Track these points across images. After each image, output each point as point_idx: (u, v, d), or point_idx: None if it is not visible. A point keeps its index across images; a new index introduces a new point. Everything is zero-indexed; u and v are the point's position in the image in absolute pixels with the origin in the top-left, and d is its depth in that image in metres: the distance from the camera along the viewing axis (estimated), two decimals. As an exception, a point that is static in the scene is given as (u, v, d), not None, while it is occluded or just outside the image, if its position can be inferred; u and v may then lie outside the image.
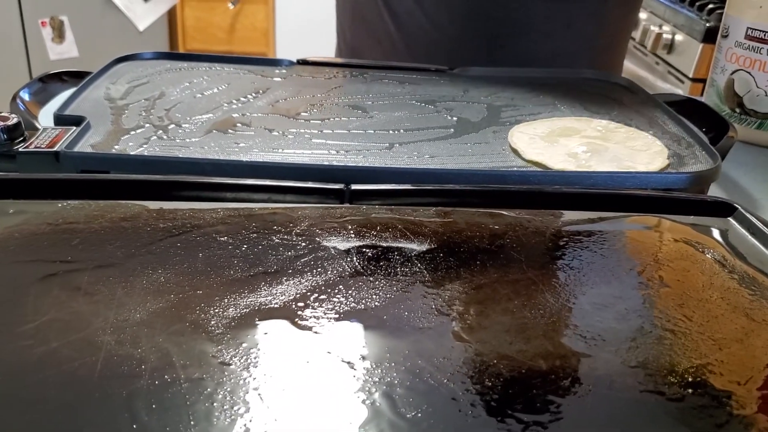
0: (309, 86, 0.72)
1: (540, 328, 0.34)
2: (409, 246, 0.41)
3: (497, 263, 0.40)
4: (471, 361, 0.32)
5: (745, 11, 0.77)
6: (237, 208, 0.44)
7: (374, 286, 0.37)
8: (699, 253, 0.43)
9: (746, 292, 0.39)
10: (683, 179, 0.54)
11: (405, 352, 0.32)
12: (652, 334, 0.35)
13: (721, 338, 0.35)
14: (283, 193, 0.47)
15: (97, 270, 0.37)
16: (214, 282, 0.36)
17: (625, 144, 0.59)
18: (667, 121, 0.67)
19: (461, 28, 0.84)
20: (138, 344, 0.32)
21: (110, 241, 0.40)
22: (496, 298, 0.37)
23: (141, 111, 0.62)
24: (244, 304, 0.34)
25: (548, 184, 0.53)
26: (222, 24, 2.81)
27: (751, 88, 0.77)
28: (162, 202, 0.44)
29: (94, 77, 0.69)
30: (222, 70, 0.75)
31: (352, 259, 0.39)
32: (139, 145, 0.56)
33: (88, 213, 0.43)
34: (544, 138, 0.60)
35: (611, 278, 0.39)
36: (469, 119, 0.65)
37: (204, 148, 0.56)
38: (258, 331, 0.33)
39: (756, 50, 0.76)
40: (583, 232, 0.44)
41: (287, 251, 0.39)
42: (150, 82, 0.70)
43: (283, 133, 0.60)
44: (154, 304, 0.34)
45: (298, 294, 0.35)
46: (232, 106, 0.65)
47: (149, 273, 0.37)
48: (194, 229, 0.41)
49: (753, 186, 0.69)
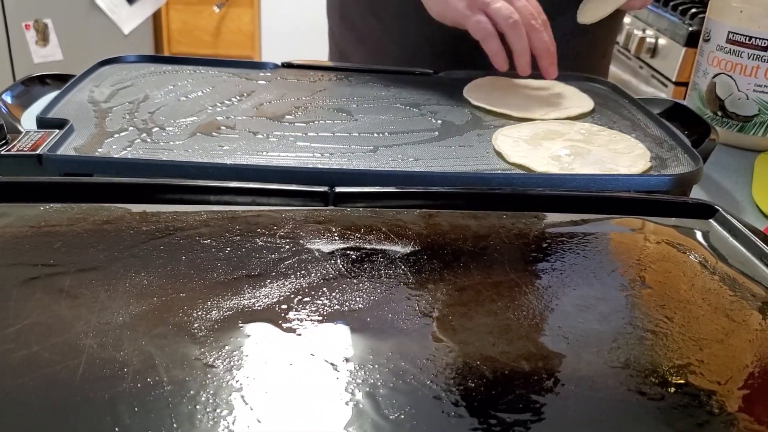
0: (293, 89, 0.72)
1: (523, 329, 0.35)
2: (393, 248, 0.41)
3: (481, 265, 0.40)
4: (454, 362, 0.32)
5: (726, 16, 0.78)
6: (221, 210, 0.44)
7: (358, 288, 0.37)
8: (680, 255, 0.44)
9: (727, 293, 0.39)
10: (665, 182, 0.55)
11: (388, 353, 0.32)
12: (633, 335, 0.35)
13: (701, 339, 0.35)
14: (268, 196, 0.47)
15: (80, 273, 0.37)
16: (198, 285, 0.36)
17: (608, 147, 0.60)
18: (649, 124, 0.68)
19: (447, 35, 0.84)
20: (120, 347, 0.31)
21: (93, 244, 0.40)
22: (479, 300, 0.37)
23: (125, 114, 0.62)
24: (227, 307, 0.34)
25: (531, 186, 0.53)
26: (207, 27, 2.80)
27: (733, 92, 0.78)
28: (145, 205, 0.44)
29: (78, 80, 0.68)
30: (206, 73, 0.75)
31: (336, 262, 0.39)
32: (122, 148, 0.55)
33: (70, 216, 0.43)
34: (527, 141, 0.60)
35: (593, 280, 0.40)
36: (454, 122, 0.66)
37: (188, 151, 0.56)
38: (241, 333, 0.33)
39: (737, 54, 0.77)
40: (565, 234, 0.45)
41: (271, 254, 0.39)
42: (134, 85, 0.70)
43: (267, 136, 0.60)
44: (137, 307, 0.34)
45: (281, 296, 0.35)
46: (217, 109, 0.65)
47: (132, 276, 0.37)
48: (177, 231, 0.41)
49: (735, 188, 0.70)
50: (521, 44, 0.68)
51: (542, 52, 0.70)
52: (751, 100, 0.77)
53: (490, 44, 0.69)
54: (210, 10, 2.76)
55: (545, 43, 0.70)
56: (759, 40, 0.75)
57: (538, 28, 0.69)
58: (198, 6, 2.76)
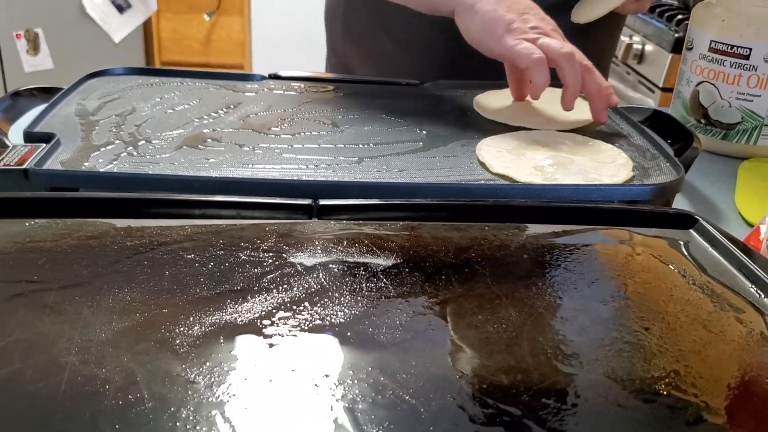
0: (280, 101, 0.73)
1: (503, 342, 0.35)
2: (376, 261, 0.42)
3: (462, 278, 0.41)
4: (433, 376, 0.32)
5: (709, 24, 0.79)
6: (204, 224, 0.44)
7: (339, 302, 0.37)
8: (661, 266, 0.44)
9: (705, 304, 0.40)
10: (647, 191, 0.55)
11: (368, 368, 0.32)
12: (612, 347, 0.35)
13: (679, 350, 0.35)
14: (252, 209, 0.47)
15: (64, 290, 0.37)
16: (180, 300, 0.36)
17: (591, 157, 0.61)
18: (632, 133, 0.68)
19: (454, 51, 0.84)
20: (103, 364, 0.32)
21: (77, 260, 0.40)
22: (460, 313, 0.37)
23: (111, 127, 0.62)
24: (209, 323, 0.35)
25: (514, 197, 0.53)
26: (198, 36, 2.80)
27: (716, 100, 0.79)
28: (130, 219, 0.45)
29: (65, 93, 0.69)
30: (194, 85, 0.75)
31: (318, 276, 0.39)
32: (109, 161, 0.56)
33: (55, 231, 0.43)
34: (511, 151, 0.61)
35: (574, 292, 0.40)
36: (439, 133, 0.66)
37: (174, 164, 0.56)
38: (223, 349, 0.33)
39: (719, 62, 0.77)
40: (546, 246, 0.45)
41: (254, 268, 0.40)
42: (121, 97, 0.70)
43: (253, 149, 0.60)
44: (120, 324, 0.35)
45: (263, 311, 0.36)
46: (203, 122, 0.65)
47: (115, 292, 0.37)
48: (161, 246, 0.42)
49: (718, 196, 0.70)
50: (575, 78, 0.65)
51: (596, 93, 0.66)
52: (734, 107, 0.78)
53: (540, 73, 0.64)
54: (200, 18, 2.77)
55: (598, 84, 0.66)
56: (741, 49, 0.75)
57: (590, 67, 0.66)
58: (188, 14, 2.77)
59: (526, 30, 0.67)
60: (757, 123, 0.77)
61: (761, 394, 0.34)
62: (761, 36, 0.75)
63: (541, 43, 0.65)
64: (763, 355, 0.36)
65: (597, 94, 0.66)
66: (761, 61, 0.75)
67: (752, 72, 0.75)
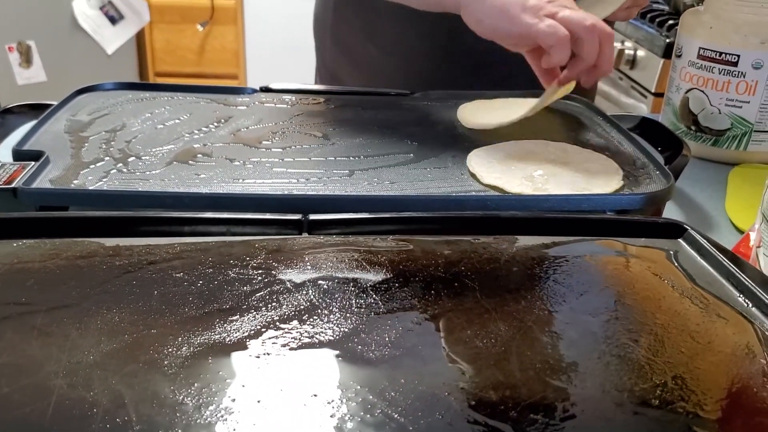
0: (271, 114, 0.73)
1: (491, 357, 0.35)
2: (365, 276, 0.42)
3: (452, 292, 0.41)
4: (422, 393, 0.32)
5: (697, 32, 0.79)
6: (194, 242, 0.44)
7: (329, 319, 0.37)
8: (650, 276, 0.44)
9: (693, 315, 0.40)
10: (637, 200, 0.55)
11: (357, 387, 0.32)
12: (601, 360, 0.35)
13: (668, 362, 0.35)
14: (242, 225, 0.47)
15: (52, 311, 0.37)
16: (169, 320, 0.36)
17: (581, 166, 0.61)
18: (622, 141, 0.68)
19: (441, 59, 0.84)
20: (91, 387, 0.32)
21: (65, 281, 0.40)
22: (449, 328, 0.37)
23: (101, 144, 0.62)
24: (198, 343, 0.35)
25: (505, 208, 0.53)
26: (191, 46, 2.80)
27: (705, 106, 0.79)
28: (118, 238, 0.45)
29: (55, 110, 0.69)
30: (184, 99, 0.75)
31: (308, 292, 0.39)
32: (98, 179, 0.56)
33: (43, 252, 0.43)
34: (501, 162, 0.61)
35: (563, 304, 0.40)
36: (429, 144, 0.66)
37: (164, 181, 0.56)
38: (211, 369, 0.33)
39: (708, 69, 0.78)
40: (535, 258, 0.45)
41: (243, 286, 0.40)
42: (111, 113, 0.70)
43: (244, 163, 0.60)
44: (108, 345, 0.34)
45: (252, 330, 0.36)
46: (194, 136, 0.65)
47: (104, 313, 0.37)
48: (150, 265, 0.41)
49: (708, 203, 0.70)
50: (592, 53, 0.63)
51: (603, 67, 0.64)
52: (724, 114, 0.78)
53: (562, 51, 0.62)
54: (193, 28, 2.77)
55: (609, 58, 0.64)
56: (729, 56, 0.76)
57: (610, 36, 0.63)
58: (181, 25, 2.77)
59: (543, 5, 0.63)
60: (746, 129, 0.78)
61: (751, 404, 0.34)
62: (749, 43, 0.75)
63: (562, 16, 0.62)
64: (752, 365, 0.36)
65: (602, 68, 0.64)
66: (749, 67, 0.75)
67: (741, 78, 0.76)
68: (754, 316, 0.40)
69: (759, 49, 0.75)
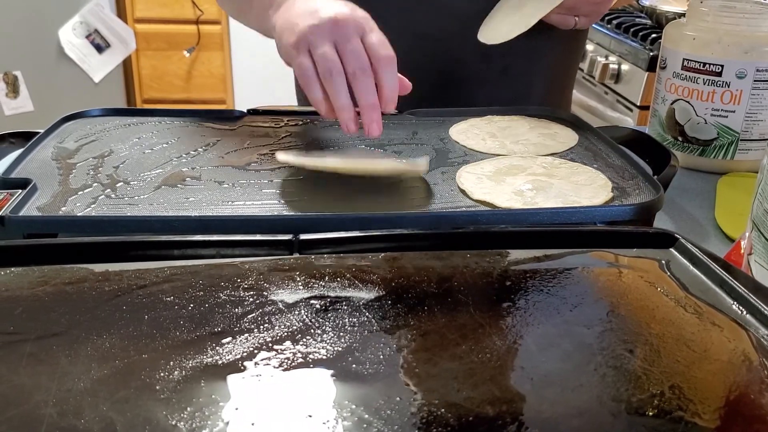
0: (260, 136, 0.73)
1: (487, 372, 0.35)
2: (358, 295, 0.41)
3: (445, 308, 0.40)
4: (418, 411, 0.32)
5: (680, 43, 0.80)
6: (184, 265, 0.44)
7: (322, 339, 0.37)
8: (643, 286, 0.44)
9: (688, 324, 0.40)
10: (627, 211, 0.55)
11: (352, 406, 0.32)
12: (597, 372, 0.35)
13: (664, 372, 0.35)
14: (232, 247, 0.47)
15: (41, 340, 0.37)
16: (160, 345, 0.36)
17: (570, 179, 0.61)
18: (610, 153, 0.69)
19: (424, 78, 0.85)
20: (81, 414, 0.31)
21: (54, 308, 0.39)
22: (443, 344, 0.37)
23: (89, 170, 0.62)
24: (189, 367, 0.34)
25: (496, 223, 0.53)
26: (178, 72, 2.81)
27: (691, 117, 0.80)
28: (108, 264, 0.44)
29: (42, 137, 0.68)
30: (172, 123, 0.75)
31: (300, 313, 0.39)
32: (86, 205, 0.55)
33: (31, 280, 0.42)
34: (490, 177, 0.61)
35: (557, 317, 0.40)
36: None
37: (153, 205, 0.56)
38: (204, 393, 0.32)
39: (693, 80, 0.78)
40: (528, 271, 0.45)
41: (234, 308, 0.39)
42: (98, 139, 0.70)
43: (233, 185, 0.60)
44: (99, 372, 0.34)
45: (244, 352, 0.35)
46: (182, 160, 0.65)
47: (94, 339, 0.36)
48: (140, 289, 0.41)
49: (698, 212, 0.71)
50: (338, 100, 0.61)
51: (363, 105, 0.61)
52: (710, 124, 0.78)
53: (310, 92, 0.62)
54: (180, 54, 2.77)
55: (368, 94, 0.61)
56: (713, 66, 0.76)
57: (361, 78, 0.60)
58: (168, 51, 2.77)
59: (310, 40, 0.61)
60: (732, 138, 0.78)
61: (749, 412, 0.34)
62: (731, 52, 0.76)
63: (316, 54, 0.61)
64: (749, 372, 0.36)
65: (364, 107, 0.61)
66: (733, 77, 0.76)
67: (725, 88, 0.76)
68: (748, 323, 0.40)
69: (742, 58, 0.75)
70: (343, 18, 0.62)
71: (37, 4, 2.40)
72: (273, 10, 0.69)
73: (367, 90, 0.61)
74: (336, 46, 0.61)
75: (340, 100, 0.61)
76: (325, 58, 0.60)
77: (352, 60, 0.60)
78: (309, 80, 0.62)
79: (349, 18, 0.62)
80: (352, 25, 0.62)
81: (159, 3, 2.70)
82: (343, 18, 0.62)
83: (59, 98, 2.49)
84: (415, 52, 0.85)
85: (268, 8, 0.70)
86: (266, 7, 0.71)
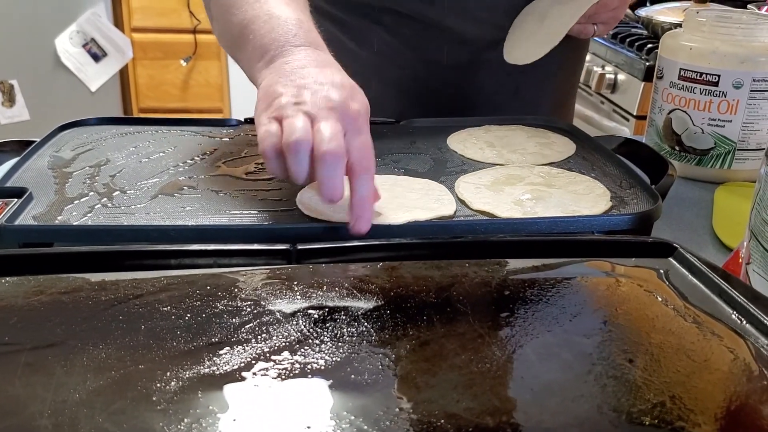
0: (256, 145, 0.72)
1: (487, 382, 0.34)
2: (356, 304, 0.41)
3: (444, 317, 0.40)
4: (418, 422, 0.31)
5: (677, 53, 0.80)
6: (180, 275, 0.44)
7: (320, 350, 0.36)
8: (642, 296, 0.44)
9: (687, 333, 0.40)
10: (626, 221, 0.55)
11: (351, 417, 0.31)
12: (597, 382, 0.35)
13: (664, 382, 0.35)
14: (229, 257, 0.47)
15: (36, 350, 0.36)
16: (157, 355, 0.36)
17: (568, 189, 0.61)
18: (608, 163, 0.69)
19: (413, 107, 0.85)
20: (77, 426, 0.31)
21: (50, 318, 0.39)
22: (442, 354, 0.37)
23: (85, 179, 0.61)
24: (186, 377, 0.34)
25: (495, 232, 0.53)
26: (175, 81, 2.81)
27: (689, 126, 0.80)
28: (104, 273, 0.44)
29: (38, 146, 0.68)
30: (168, 132, 0.75)
31: (298, 323, 0.39)
32: (83, 214, 0.55)
33: (27, 289, 0.42)
34: (489, 187, 0.61)
35: (556, 326, 0.40)
36: (416, 170, 0.66)
37: (149, 214, 0.55)
38: (201, 404, 0.32)
39: (690, 90, 0.78)
40: (527, 281, 0.45)
41: (231, 318, 0.39)
42: (95, 148, 0.69)
43: (230, 194, 0.60)
44: (95, 382, 0.34)
45: (242, 363, 0.35)
46: (179, 169, 0.65)
47: (90, 349, 0.36)
48: (136, 299, 0.41)
49: (696, 221, 0.71)
50: (297, 172, 0.51)
51: (324, 191, 0.50)
52: (707, 133, 0.79)
53: (267, 164, 0.53)
54: (177, 63, 2.77)
55: (331, 180, 0.50)
56: (709, 76, 0.77)
57: (324, 159, 0.49)
58: (165, 60, 2.77)
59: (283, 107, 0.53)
60: (729, 148, 0.78)
61: (750, 422, 0.33)
62: (728, 62, 0.76)
63: (284, 123, 0.52)
64: (749, 381, 0.36)
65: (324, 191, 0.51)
66: (730, 86, 0.76)
67: (722, 98, 0.76)
68: (747, 332, 0.40)
69: (738, 68, 0.75)
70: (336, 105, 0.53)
71: (34, 12, 2.40)
72: (263, 64, 0.61)
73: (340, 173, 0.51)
74: None
75: (298, 173, 0.52)
76: (290, 128, 0.51)
77: (322, 136, 0.50)
78: (267, 149, 0.53)
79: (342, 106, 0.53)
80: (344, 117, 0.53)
81: (156, 12, 2.70)
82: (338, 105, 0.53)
83: (55, 107, 2.49)
84: (427, 79, 0.85)
85: (256, 62, 0.62)
86: (255, 59, 0.63)
